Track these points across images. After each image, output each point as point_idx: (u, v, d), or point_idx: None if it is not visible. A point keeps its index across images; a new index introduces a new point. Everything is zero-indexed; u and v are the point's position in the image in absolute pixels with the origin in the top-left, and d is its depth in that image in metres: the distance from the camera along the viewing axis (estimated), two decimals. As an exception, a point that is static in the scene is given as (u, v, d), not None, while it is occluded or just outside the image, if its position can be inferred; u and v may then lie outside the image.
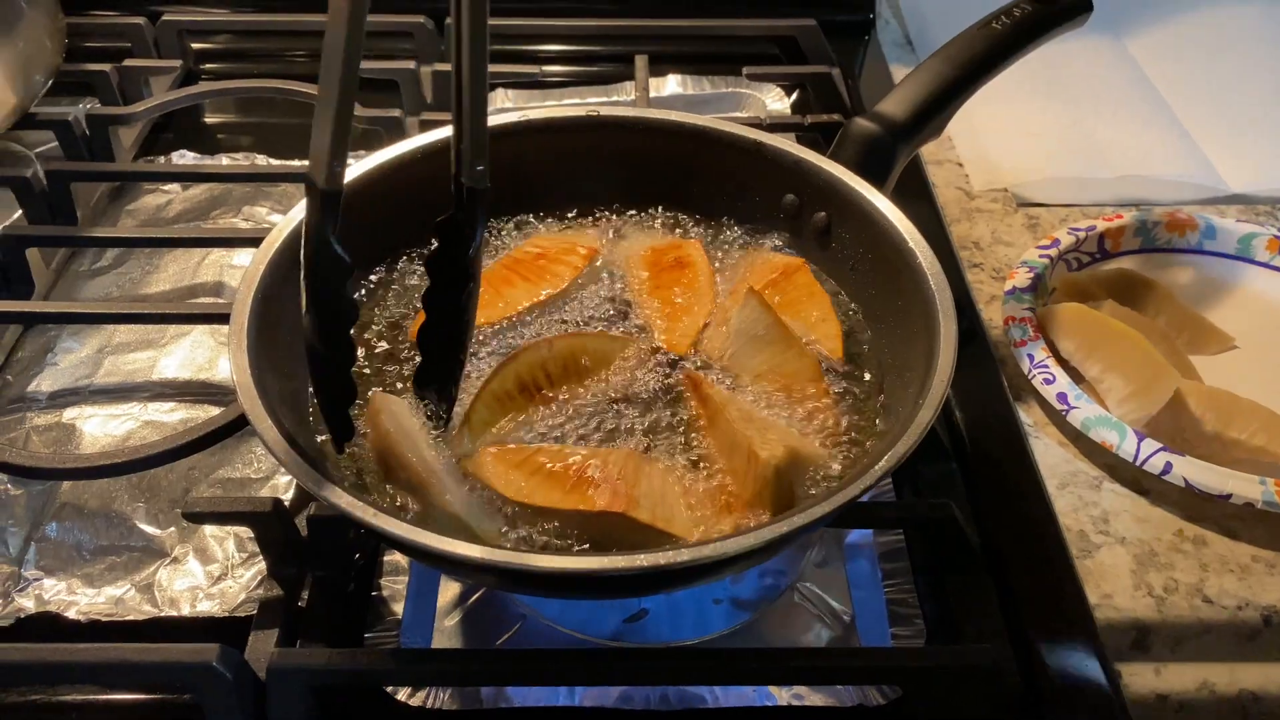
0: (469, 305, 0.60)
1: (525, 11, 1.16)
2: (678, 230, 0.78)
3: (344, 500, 0.50)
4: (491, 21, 1.18)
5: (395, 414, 0.60)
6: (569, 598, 0.63)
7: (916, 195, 0.93)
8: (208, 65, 1.18)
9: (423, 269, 0.70)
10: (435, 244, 0.58)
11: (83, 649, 0.56)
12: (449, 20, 1.09)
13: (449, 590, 0.67)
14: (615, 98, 1.12)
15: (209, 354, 0.80)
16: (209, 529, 0.68)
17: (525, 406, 0.62)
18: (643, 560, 0.47)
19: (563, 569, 0.48)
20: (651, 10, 1.17)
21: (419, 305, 0.70)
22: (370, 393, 0.63)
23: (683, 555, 0.48)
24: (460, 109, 0.55)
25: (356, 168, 0.70)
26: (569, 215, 0.78)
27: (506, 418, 0.61)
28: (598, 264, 0.74)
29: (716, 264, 0.74)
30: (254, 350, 0.58)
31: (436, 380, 0.61)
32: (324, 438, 0.60)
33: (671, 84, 1.13)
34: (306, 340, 0.54)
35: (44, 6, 0.99)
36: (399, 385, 0.66)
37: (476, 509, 0.57)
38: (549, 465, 0.58)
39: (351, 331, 0.55)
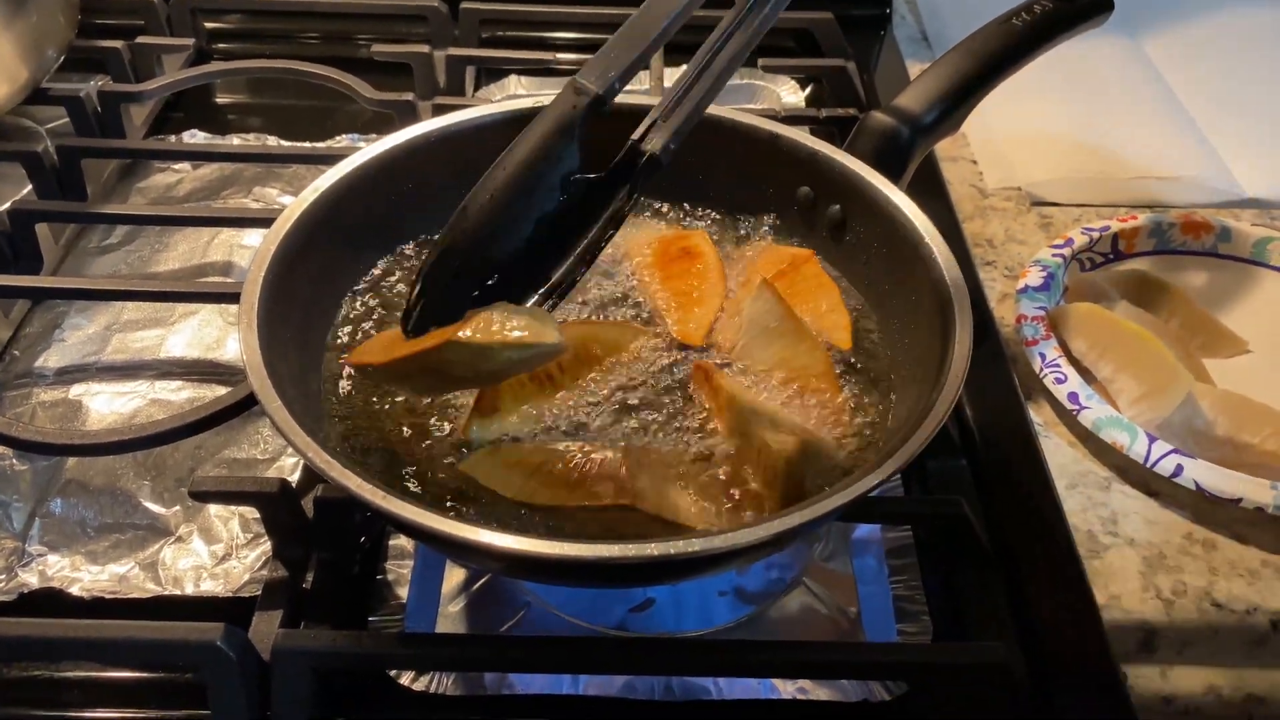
0: (597, 250, 0.62)
1: (540, -2, 1.16)
2: (688, 220, 0.77)
3: (353, 482, 0.50)
4: (505, 7, 1.18)
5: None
6: (577, 585, 0.63)
7: (930, 192, 0.92)
8: (220, 45, 1.18)
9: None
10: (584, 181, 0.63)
11: (86, 625, 0.56)
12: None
13: (454, 575, 0.67)
14: (629, 86, 1.11)
15: (217, 333, 0.80)
16: (214, 509, 0.68)
17: (536, 394, 0.62)
18: (653, 549, 0.47)
19: (572, 556, 0.48)
20: (666, 0, 1.16)
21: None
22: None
23: (694, 545, 0.47)
24: (689, 89, 0.66)
25: (367, 151, 0.70)
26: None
27: (517, 404, 0.61)
28: (608, 253, 0.73)
29: (726, 255, 0.74)
30: (264, 330, 0.58)
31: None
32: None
33: (686, 74, 1.12)
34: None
35: (58, -19, 0.99)
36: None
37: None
38: (549, 463, 0.57)
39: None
